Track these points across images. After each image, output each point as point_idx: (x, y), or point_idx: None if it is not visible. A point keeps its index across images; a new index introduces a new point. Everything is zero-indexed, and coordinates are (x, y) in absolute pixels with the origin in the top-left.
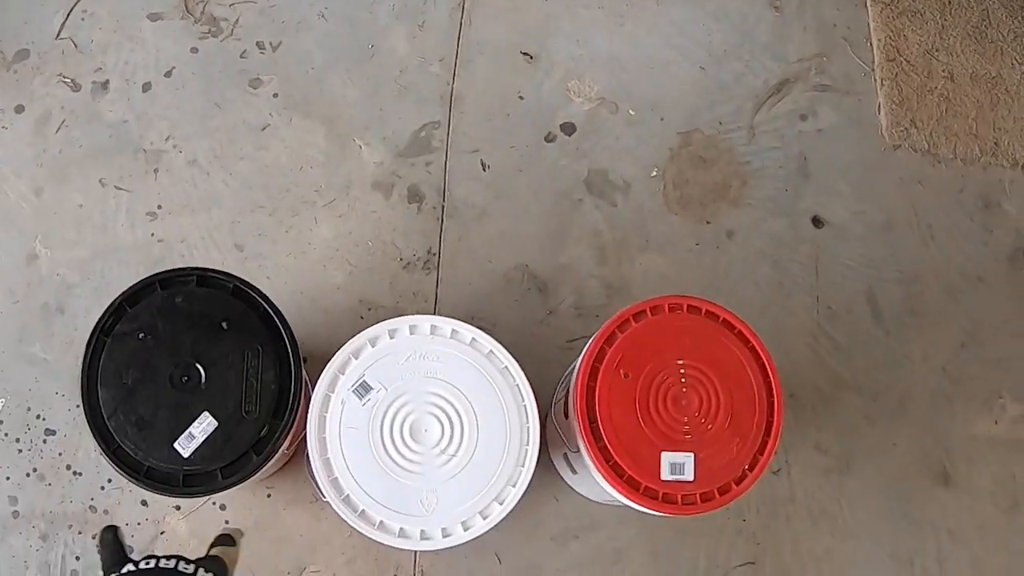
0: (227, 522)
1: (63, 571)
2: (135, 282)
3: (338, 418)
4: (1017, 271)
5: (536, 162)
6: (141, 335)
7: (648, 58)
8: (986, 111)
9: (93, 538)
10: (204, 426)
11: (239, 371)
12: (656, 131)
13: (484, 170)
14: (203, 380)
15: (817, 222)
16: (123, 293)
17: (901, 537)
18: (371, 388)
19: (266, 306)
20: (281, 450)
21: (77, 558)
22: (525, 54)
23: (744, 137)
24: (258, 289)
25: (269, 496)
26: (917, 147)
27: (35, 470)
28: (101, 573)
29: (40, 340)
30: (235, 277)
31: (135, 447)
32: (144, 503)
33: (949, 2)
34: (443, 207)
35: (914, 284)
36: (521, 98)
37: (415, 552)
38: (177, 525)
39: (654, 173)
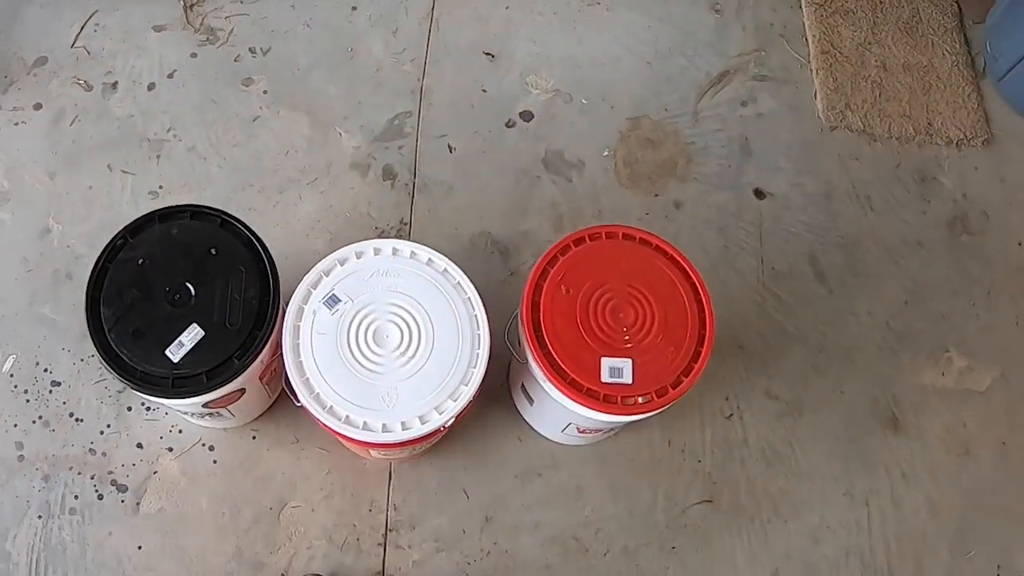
0: (215, 461)
1: (62, 509)
2: (138, 216)
3: (310, 326)
4: (956, 238)
5: (498, 145)
6: (140, 261)
7: (599, 55)
8: (919, 95)
9: (92, 478)
10: (192, 335)
11: (224, 289)
12: (607, 117)
13: (451, 152)
14: (193, 297)
15: (759, 194)
16: (127, 226)
17: (855, 478)
18: (339, 300)
19: (249, 235)
20: (260, 357)
21: (76, 497)
22: (487, 54)
23: (689, 121)
24: (242, 221)
25: (254, 438)
26: (853, 128)
27: (40, 418)
28: None
29: (50, 303)
30: (223, 212)
31: (131, 355)
32: (139, 446)
33: (881, 1)
34: (414, 183)
35: (855, 248)
36: (484, 91)
37: (388, 487)
38: (169, 466)
39: (606, 153)
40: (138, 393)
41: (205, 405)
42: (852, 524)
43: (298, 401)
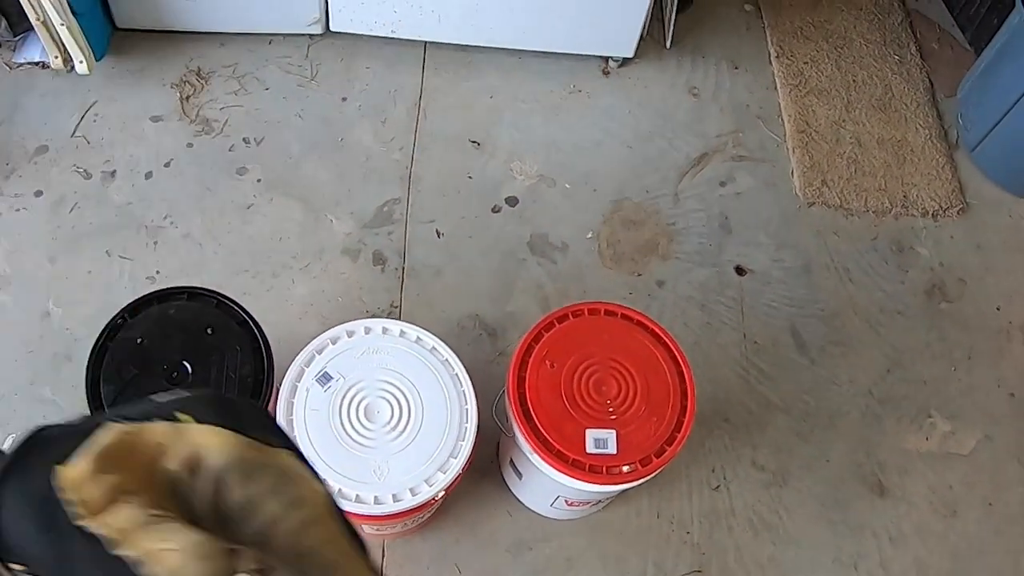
0: None
1: None
2: (138, 297)
3: (303, 403)
4: (935, 305)
5: (484, 229)
6: (139, 340)
7: (581, 140)
8: (893, 169)
9: None
10: None
11: (220, 367)
12: (590, 200)
13: (439, 237)
14: (190, 375)
15: (740, 270)
16: (126, 306)
17: (843, 543)
18: (331, 378)
19: (244, 315)
20: None
21: None
22: (473, 142)
23: (669, 202)
24: (237, 302)
25: None
26: (830, 203)
27: None
28: None
29: (50, 384)
30: (219, 293)
31: None
32: None
33: (854, 80)
34: (403, 268)
35: (835, 319)
36: (470, 178)
37: (382, 562)
38: None
39: (589, 235)
40: None
41: None
42: None
43: None
